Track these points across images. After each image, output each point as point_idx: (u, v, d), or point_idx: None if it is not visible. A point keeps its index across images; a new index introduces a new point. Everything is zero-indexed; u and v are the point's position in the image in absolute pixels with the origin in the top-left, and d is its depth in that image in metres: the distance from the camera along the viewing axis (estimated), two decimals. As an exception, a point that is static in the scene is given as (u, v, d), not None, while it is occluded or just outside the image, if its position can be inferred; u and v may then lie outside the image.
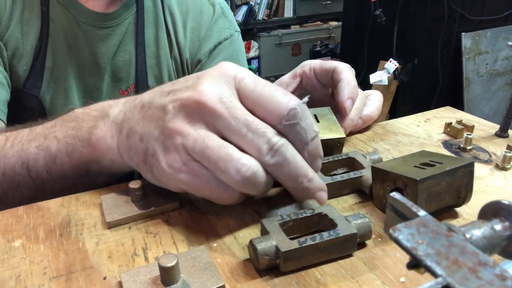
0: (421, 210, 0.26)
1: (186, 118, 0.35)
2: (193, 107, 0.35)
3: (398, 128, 0.60)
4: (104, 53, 0.72)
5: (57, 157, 0.44)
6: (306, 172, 0.36)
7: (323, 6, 4.31)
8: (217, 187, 0.36)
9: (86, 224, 0.40)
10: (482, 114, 2.46)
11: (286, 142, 0.35)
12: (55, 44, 0.69)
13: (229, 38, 0.82)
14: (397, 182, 0.39)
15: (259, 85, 0.36)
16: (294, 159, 0.35)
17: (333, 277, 0.33)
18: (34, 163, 0.44)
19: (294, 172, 0.36)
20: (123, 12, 0.72)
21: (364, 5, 2.63)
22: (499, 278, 0.20)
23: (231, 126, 0.34)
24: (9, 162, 0.44)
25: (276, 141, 0.35)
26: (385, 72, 2.40)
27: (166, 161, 0.36)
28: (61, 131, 0.44)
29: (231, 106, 0.35)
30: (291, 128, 0.35)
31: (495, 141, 0.56)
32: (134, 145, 0.38)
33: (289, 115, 0.35)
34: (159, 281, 0.31)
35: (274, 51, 4.21)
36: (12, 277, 0.34)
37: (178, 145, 0.35)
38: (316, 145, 0.37)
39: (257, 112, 0.36)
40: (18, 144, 0.45)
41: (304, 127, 0.35)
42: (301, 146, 0.36)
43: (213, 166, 0.34)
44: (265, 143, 0.34)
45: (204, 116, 0.35)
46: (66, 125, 0.44)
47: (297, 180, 0.36)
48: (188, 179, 0.36)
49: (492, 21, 2.39)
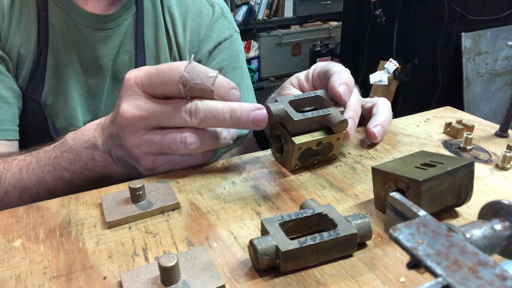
0: (421, 210, 0.26)
1: (130, 134, 0.45)
2: (126, 124, 0.44)
3: (398, 128, 0.60)
4: (105, 55, 0.72)
5: (73, 182, 0.50)
6: (228, 108, 0.43)
7: (323, 6, 4.31)
8: (185, 160, 0.48)
9: (86, 224, 0.40)
10: (482, 114, 2.46)
11: (196, 101, 0.43)
12: (55, 48, 0.69)
13: (229, 38, 0.82)
14: (399, 183, 0.38)
15: (151, 73, 0.44)
16: (211, 107, 0.43)
17: (333, 277, 0.33)
18: (55, 188, 0.51)
19: (219, 115, 0.43)
20: (122, 13, 0.72)
21: (364, 5, 2.63)
22: (499, 278, 0.20)
23: (156, 119, 0.44)
24: (32, 190, 0.51)
25: (189, 106, 0.43)
26: (385, 72, 2.40)
27: (144, 167, 0.47)
28: (65, 163, 0.50)
29: (147, 107, 0.44)
30: (191, 91, 0.43)
31: (495, 141, 0.56)
32: (124, 165, 0.49)
33: (183, 84, 0.42)
34: (159, 281, 0.31)
35: (274, 51, 4.21)
36: (12, 277, 0.34)
37: (141, 153, 0.46)
38: (221, 85, 0.44)
39: (164, 93, 0.44)
40: (34, 175, 0.51)
41: (200, 82, 0.43)
42: (210, 96, 0.44)
43: (171, 151, 0.46)
44: (184, 114, 0.43)
45: (136, 125, 0.44)
46: (66, 156, 0.50)
47: (226, 118, 0.43)
48: (165, 168, 0.48)
49: (492, 21, 2.39)
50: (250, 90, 0.88)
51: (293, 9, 4.25)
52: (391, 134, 0.58)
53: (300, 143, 0.46)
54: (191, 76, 0.42)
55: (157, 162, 0.47)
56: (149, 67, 0.45)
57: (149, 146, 0.45)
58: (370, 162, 0.51)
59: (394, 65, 2.37)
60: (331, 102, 0.49)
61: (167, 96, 0.44)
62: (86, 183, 0.50)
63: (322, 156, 0.50)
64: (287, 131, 0.47)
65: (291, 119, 0.45)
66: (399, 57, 2.44)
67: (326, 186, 0.46)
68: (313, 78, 0.56)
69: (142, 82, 0.44)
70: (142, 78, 0.44)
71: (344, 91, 0.49)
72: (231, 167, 0.50)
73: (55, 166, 0.50)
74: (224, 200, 0.44)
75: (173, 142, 0.44)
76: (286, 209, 0.42)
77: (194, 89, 0.43)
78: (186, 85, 0.42)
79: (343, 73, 0.50)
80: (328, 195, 0.44)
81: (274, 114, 0.46)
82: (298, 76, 0.59)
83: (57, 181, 0.50)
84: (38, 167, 0.51)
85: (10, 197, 0.51)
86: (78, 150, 0.49)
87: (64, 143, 0.51)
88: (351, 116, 0.50)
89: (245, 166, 0.50)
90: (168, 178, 0.47)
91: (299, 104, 0.49)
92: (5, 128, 0.65)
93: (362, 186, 0.46)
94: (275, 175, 0.48)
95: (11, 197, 0.51)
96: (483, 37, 2.37)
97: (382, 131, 0.54)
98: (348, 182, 0.47)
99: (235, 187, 0.46)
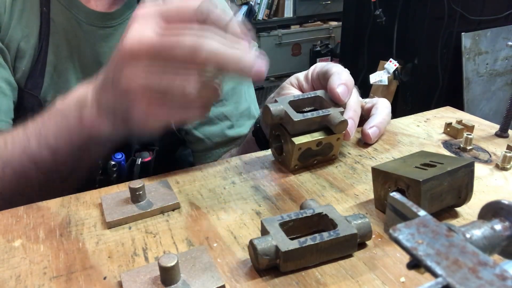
0: (421, 210, 0.26)
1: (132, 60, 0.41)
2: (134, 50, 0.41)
3: (398, 128, 0.60)
4: (106, 53, 0.72)
5: (59, 147, 0.48)
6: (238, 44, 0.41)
7: (323, 6, 4.31)
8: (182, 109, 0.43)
9: (86, 224, 0.40)
10: (482, 114, 2.46)
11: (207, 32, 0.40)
12: (56, 44, 0.69)
13: None
14: (399, 183, 0.38)
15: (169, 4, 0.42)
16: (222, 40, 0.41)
17: (333, 277, 0.33)
18: (40, 157, 0.48)
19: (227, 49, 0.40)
20: (124, 11, 0.72)
21: (364, 5, 2.63)
22: (499, 278, 0.20)
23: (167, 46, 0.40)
24: (15, 161, 0.48)
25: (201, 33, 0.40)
26: (385, 72, 2.39)
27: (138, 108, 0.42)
28: (52, 126, 0.48)
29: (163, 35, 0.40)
30: (205, 22, 0.40)
31: (495, 141, 0.56)
32: (114, 117, 0.45)
33: (197, 14, 0.40)
34: (159, 281, 0.31)
35: (274, 51, 4.20)
36: (12, 277, 0.34)
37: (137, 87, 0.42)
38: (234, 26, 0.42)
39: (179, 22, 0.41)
40: (19, 145, 0.48)
41: (215, 17, 0.41)
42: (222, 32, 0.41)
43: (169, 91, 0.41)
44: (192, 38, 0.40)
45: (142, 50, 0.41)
46: (53, 119, 0.48)
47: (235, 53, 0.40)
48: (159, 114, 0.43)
49: (492, 21, 2.39)
50: (251, 90, 0.88)
51: (293, 9, 4.24)
52: (391, 134, 0.58)
53: (300, 144, 0.46)
54: (207, 10, 0.41)
55: (152, 103, 0.42)
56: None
57: (147, 78, 0.41)
58: (370, 162, 0.51)
59: (394, 65, 2.36)
60: (330, 103, 0.49)
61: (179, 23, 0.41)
62: (71, 150, 0.48)
63: (322, 156, 0.50)
64: (287, 132, 0.47)
65: (291, 120, 0.45)
66: (399, 57, 2.43)
67: (326, 186, 0.46)
68: (313, 79, 0.56)
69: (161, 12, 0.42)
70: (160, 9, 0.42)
71: (343, 92, 0.49)
72: (231, 167, 0.50)
73: (41, 131, 0.48)
74: (224, 200, 0.44)
75: (172, 81, 0.41)
76: (286, 209, 0.42)
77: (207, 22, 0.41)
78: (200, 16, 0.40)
79: (343, 74, 0.50)
80: (328, 195, 0.44)
81: (274, 115, 0.46)
82: (297, 76, 0.59)
83: (42, 150, 0.48)
84: (24, 136, 0.49)
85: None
86: (65, 110, 0.48)
87: (51, 109, 0.49)
88: (351, 116, 0.50)
89: (245, 166, 0.50)
90: (168, 178, 0.47)
91: (299, 104, 0.49)
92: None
93: (362, 186, 0.46)
94: (275, 175, 0.48)
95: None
96: (483, 37, 2.37)
97: (378, 133, 0.54)
98: (348, 182, 0.47)
99: (235, 187, 0.46)
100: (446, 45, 2.37)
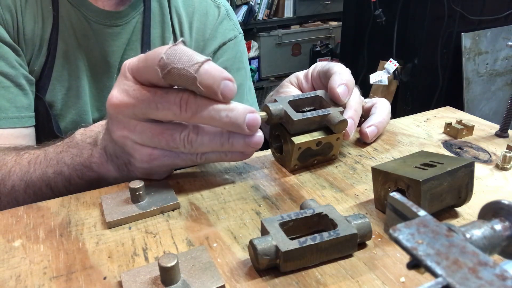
0: (421, 210, 0.26)
1: (117, 122, 0.42)
2: (113, 112, 0.41)
3: (398, 128, 0.60)
4: (114, 51, 0.73)
5: (71, 179, 0.49)
6: (224, 106, 0.39)
7: (323, 6, 4.31)
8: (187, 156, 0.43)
9: (86, 224, 0.40)
10: (482, 114, 2.46)
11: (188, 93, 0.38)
12: (65, 43, 0.70)
13: (233, 39, 0.83)
14: (399, 183, 0.38)
15: (139, 58, 0.40)
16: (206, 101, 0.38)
17: (333, 277, 0.33)
18: (55, 184, 0.50)
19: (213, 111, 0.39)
20: (131, 11, 0.73)
21: (364, 5, 2.63)
22: (499, 278, 0.20)
23: (144, 107, 0.39)
24: (36, 185, 0.51)
25: (180, 96, 0.38)
26: (385, 72, 2.39)
27: (139, 160, 0.43)
28: (68, 158, 0.49)
29: (134, 93, 0.39)
30: (171, 75, 0.37)
31: (495, 141, 0.56)
32: (117, 163, 0.46)
33: (161, 67, 0.37)
34: (159, 281, 0.31)
35: (274, 51, 4.20)
36: (12, 277, 0.34)
37: (133, 144, 0.42)
38: (208, 72, 0.37)
39: (149, 79, 0.39)
40: (39, 169, 0.51)
41: (181, 66, 0.37)
42: (192, 84, 0.37)
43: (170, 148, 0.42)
44: (173, 104, 0.38)
45: (124, 112, 0.40)
46: (70, 151, 0.50)
47: (222, 117, 0.39)
48: (164, 161, 0.43)
49: (492, 21, 2.39)
50: (252, 92, 0.88)
51: (293, 9, 4.25)
52: (391, 134, 0.58)
53: (299, 143, 0.46)
54: (171, 59, 0.37)
55: (154, 154, 0.42)
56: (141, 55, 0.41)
57: (141, 136, 0.41)
58: (370, 162, 0.51)
59: (394, 65, 2.36)
60: (330, 102, 0.49)
61: (153, 83, 0.39)
62: (83, 182, 0.49)
63: (322, 156, 0.50)
64: (287, 131, 0.47)
65: (291, 119, 0.45)
66: (399, 57, 2.43)
67: (326, 186, 0.46)
68: (313, 78, 0.56)
69: (131, 68, 0.40)
70: (132, 63, 0.40)
71: (343, 92, 0.48)
72: (231, 167, 0.50)
73: (58, 160, 0.50)
74: (224, 200, 0.44)
75: (172, 140, 0.40)
76: (286, 209, 0.42)
77: (173, 74, 0.37)
78: (164, 68, 0.37)
79: (343, 74, 0.50)
80: (328, 195, 0.44)
81: (273, 114, 0.46)
82: (297, 75, 0.59)
83: (57, 177, 0.50)
84: (45, 161, 0.51)
85: (16, 191, 0.51)
86: (82, 145, 0.49)
87: (72, 137, 0.50)
88: (351, 115, 0.49)
89: (245, 166, 0.50)
90: (168, 178, 0.47)
91: (298, 104, 0.49)
92: (22, 116, 0.66)
93: (362, 186, 0.46)
94: (275, 175, 0.48)
95: (16, 190, 0.51)
96: (483, 37, 2.37)
97: (376, 132, 0.54)
98: (348, 182, 0.47)
99: (235, 187, 0.46)
100: (446, 45, 2.37)
